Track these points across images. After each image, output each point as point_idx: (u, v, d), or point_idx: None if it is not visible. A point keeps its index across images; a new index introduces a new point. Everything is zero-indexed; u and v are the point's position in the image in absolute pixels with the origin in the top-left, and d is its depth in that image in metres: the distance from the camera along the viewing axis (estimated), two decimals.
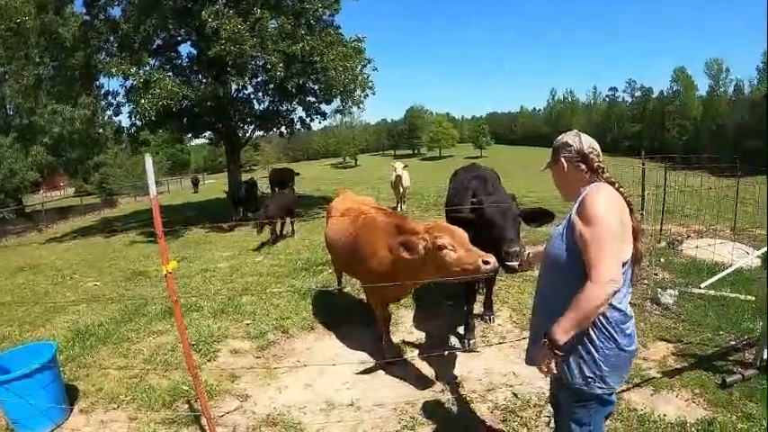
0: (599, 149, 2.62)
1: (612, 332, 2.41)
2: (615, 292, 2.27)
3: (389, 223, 4.73)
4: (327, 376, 5.02)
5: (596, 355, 2.43)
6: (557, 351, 2.35)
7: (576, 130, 2.74)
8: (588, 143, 2.60)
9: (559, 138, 2.69)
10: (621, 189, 2.52)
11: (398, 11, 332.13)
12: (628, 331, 2.47)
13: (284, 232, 13.15)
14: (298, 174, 21.28)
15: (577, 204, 2.44)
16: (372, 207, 5.62)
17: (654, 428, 3.78)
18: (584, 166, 2.56)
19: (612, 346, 2.43)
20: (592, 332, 2.42)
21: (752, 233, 9.81)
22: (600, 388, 2.47)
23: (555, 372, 2.44)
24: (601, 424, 2.68)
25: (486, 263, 3.76)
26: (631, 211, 2.48)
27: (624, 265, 2.36)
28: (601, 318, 2.38)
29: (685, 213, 10.94)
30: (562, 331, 2.32)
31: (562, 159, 2.61)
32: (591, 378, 2.45)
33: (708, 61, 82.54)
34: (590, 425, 2.61)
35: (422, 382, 4.84)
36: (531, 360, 2.80)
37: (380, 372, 5.08)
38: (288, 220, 13.34)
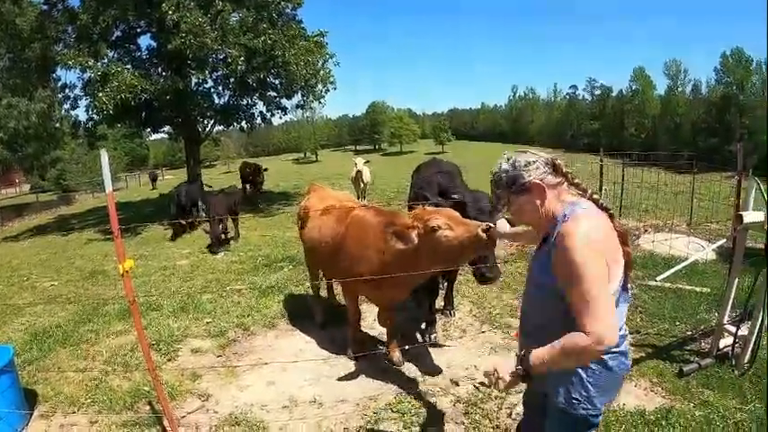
0: None
1: (604, 355, 2.13)
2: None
3: (381, 221, 4.47)
4: (289, 373, 5.02)
5: (584, 375, 2.21)
6: (523, 375, 2.13)
7: (509, 152, 2.35)
8: (544, 153, 2.29)
9: (507, 166, 2.28)
10: (596, 196, 2.26)
11: (361, 6, 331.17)
12: (619, 349, 2.22)
13: (229, 234, 12.22)
14: (266, 169, 21.05)
15: (554, 240, 2.14)
16: (355, 204, 5.49)
17: (614, 418, 3.85)
18: (556, 178, 2.24)
19: (602, 369, 2.21)
20: (560, 390, 2.26)
21: (707, 227, 10.07)
22: (585, 410, 2.25)
23: (500, 390, 2.25)
24: None
25: (485, 230, 3.41)
26: (611, 216, 2.21)
27: (614, 293, 2.12)
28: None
29: (643, 208, 11.19)
30: (539, 362, 2.08)
31: (535, 182, 2.21)
32: (576, 400, 2.24)
33: (667, 62, 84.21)
34: None
35: (384, 377, 4.87)
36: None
37: (343, 368, 5.08)
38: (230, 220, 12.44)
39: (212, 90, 19.23)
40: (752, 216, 4.08)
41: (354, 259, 4.60)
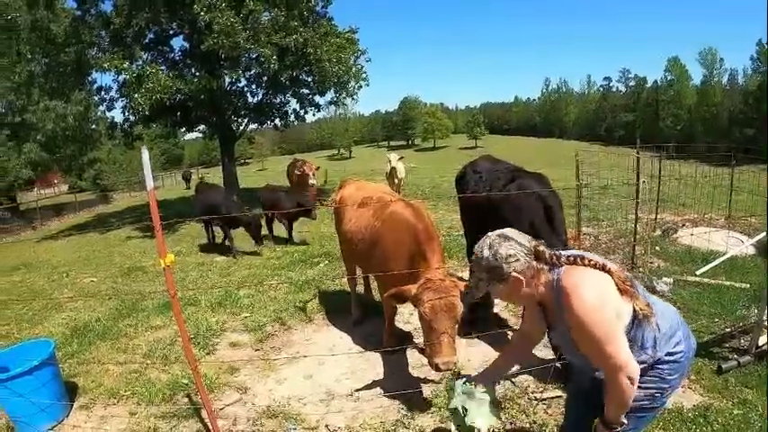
0: None
1: (650, 373, 2.29)
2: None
3: (413, 226, 4.35)
4: (326, 367, 5.05)
5: (654, 375, 2.31)
6: (618, 428, 2.26)
7: (488, 240, 2.30)
8: (525, 237, 2.30)
9: (488, 254, 2.25)
10: (587, 260, 2.24)
11: (391, 1, 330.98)
12: (677, 349, 2.32)
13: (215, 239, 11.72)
14: (317, 168, 15.62)
15: (557, 305, 2.20)
16: (393, 197, 5.38)
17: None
18: (539, 264, 2.25)
19: (672, 365, 2.31)
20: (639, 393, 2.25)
21: (746, 221, 9.84)
22: (661, 402, 2.41)
23: None
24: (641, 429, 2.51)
25: (438, 368, 3.65)
26: (609, 271, 2.20)
27: (626, 328, 2.17)
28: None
29: (680, 202, 10.98)
30: (615, 417, 2.23)
31: (514, 275, 2.21)
32: (649, 398, 2.33)
33: (702, 51, 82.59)
34: (640, 428, 2.48)
35: (420, 371, 4.86)
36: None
37: (380, 362, 5.10)
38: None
39: (246, 89, 19.45)
40: None
41: (389, 255, 4.58)
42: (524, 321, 2.82)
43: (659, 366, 2.29)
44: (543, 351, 4.95)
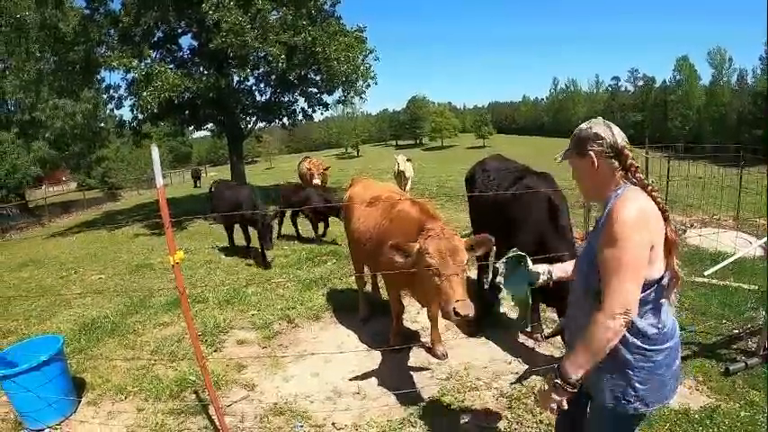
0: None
1: (649, 351, 2.18)
2: (630, 322, 2.05)
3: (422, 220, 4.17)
4: (333, 365, 5.08)
5: (631, 374, 2.20)
6: (568, 388, 2.14)
7: (602, 119, 2.30)
8: (622, 136, 2.23)
9: (586, 127, 2.27)
10: (656, 193, 2.19)
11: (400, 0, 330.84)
12: (667, 345, 2.22)
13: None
14: (328, 168, 14.87)
15: (605, 216, 2.15)
16: (400, 195, 5.30)
17: (657, 415, 3.79)
18: (617, 164, 2.21)
19: (649, 366, 2.19)
20: (623, 351, 2.17)
21: (755, 222, 9.79)
22: (635, 409, 2.23)
23: (564, 407, 2.19)
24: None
25: (457, 313, 3.38)
26: (666, 219, 2.15)
27: (653, 285, 2.12)
28: (632, 335, 2.15)
29: (689, 203, 10.94)
30: (575, 367, 2.11)
31: (591, 154, 2.21)
32: (625, 401, 2.23)
33: (711, 51, 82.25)
34: None
35: (427, 370, 4.88)
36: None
37: (387, 360, 5.12)
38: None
39: (254, 87, 19.43)
40: None
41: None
42: None
43: (628, 369, 2.21)
44: (551, 350, 4.96)
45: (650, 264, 2.08)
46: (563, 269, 2.90)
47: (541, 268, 2.92)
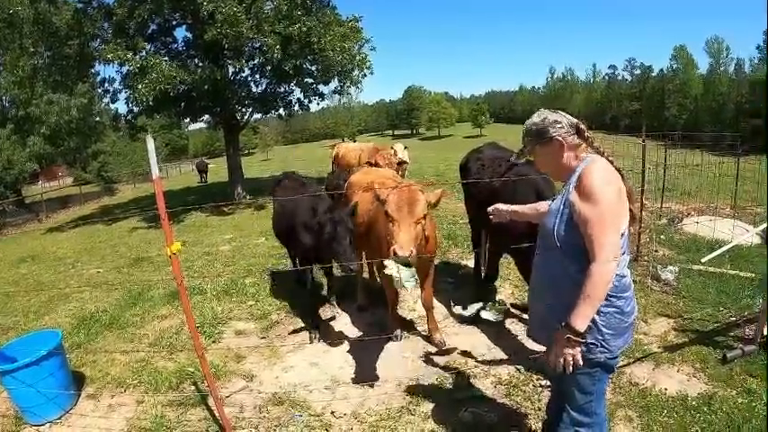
0: None
1: (612, 297, 2.38)
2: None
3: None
4: (332, 354, 5.10)
5: (597, 318, 2.38)
6: (580, 339, 2.32)
7: (544, 109, 2.63)
8: (571, 117, 2.56)
9: (538, 119, 2.56)
10: (611, 158, 2.51)
11: None
12: (627, 294, 2.46)
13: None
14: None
15: (574, 181, 2.41)
16: (396, 181, 5.27)
17: (655, 402, 3.81)
18: (578, 140, 2.50)
19: (612, 311, 2.41)
20: None
21: (752, 211, 9.80)
22: (602, 353, 2.44)
23: (581, 364, 2.39)
24: (603, 391, 2.67)
25: (394, 254, 3.67)
26: (623, 176, 2.46)
27: (622, 235, 2.36)
28: None
29: (685, 191, 10.95)
30: (583, 319, 2.29)
31: (557, 137, 2.48)
32: (593, 344, 2.42)
33: (708, 40, 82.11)
34: (593, 393, 2.60)
35: (425, 358, 4.90)
36: (539, 340, 2.88)
37: (385, 349, 5.12)
38: None
39: (249, 78, 19.30)
40: None
41: (382, 236, 4.49)
42: None
43: (596, 315, 2.38)
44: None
45: (624, 219, 2.39)
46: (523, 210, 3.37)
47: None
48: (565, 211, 2.44)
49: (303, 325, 5.88)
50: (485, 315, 5.55)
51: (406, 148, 15.72)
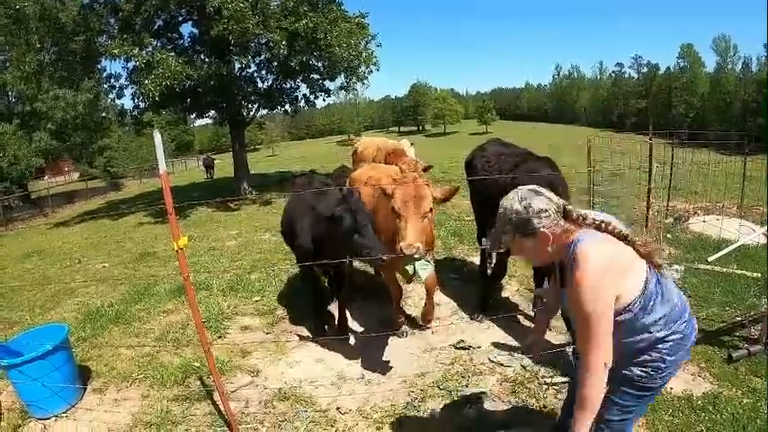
0: None
1: (672, 323, 2.23)
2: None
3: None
4: (337, 350, 5.10)
5: (662, 347, 2.24)
6: None
7: (525, 189, 2.33)
8: (557, 198, 2.30)
9: (519, 207, 2.25)
10: (611, 227, 2.20)
11: None
12: (685, 315, 2.29)
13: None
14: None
15: (570, 263, 2.16)
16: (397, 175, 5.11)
17: (660, 401, 3.79)
18: (566, 224, 2.25)
19: (677, 338, 2.25)
20: (636, 370, 2.30)
21: (759, 210, 9.75)
22: (663, 379, 2.32)
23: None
24: (643, 413, 2.53)
25: (402, 251, 3.72)
26: (632, 243, 2.19)
27: (643, 291, 2.16)
28: (652, 326, 2.21)
29: (692, 190, 10.90)
30: (585, 428, 2.17)
31: (543, 230, 2.22)
32: (654, 371, 2.29)
33: (715, 38, 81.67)
34: (632, 413, 2.44)
35: (431, 354, 4.90)
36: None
37: (390, 345, 5.13)
38: None
39: (255, 74, 19.36)
40: None
41: (380, 227, 4.53)
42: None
43: (660, 345, 2.25)
44: (554, 336, 4.96)
45: (633, 287, 2.15)
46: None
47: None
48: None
49: (309, 321, 5.88)
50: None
51: (412, 144, 15.67)
